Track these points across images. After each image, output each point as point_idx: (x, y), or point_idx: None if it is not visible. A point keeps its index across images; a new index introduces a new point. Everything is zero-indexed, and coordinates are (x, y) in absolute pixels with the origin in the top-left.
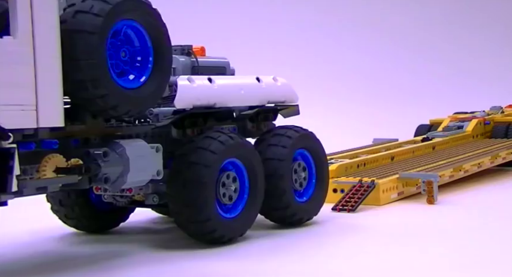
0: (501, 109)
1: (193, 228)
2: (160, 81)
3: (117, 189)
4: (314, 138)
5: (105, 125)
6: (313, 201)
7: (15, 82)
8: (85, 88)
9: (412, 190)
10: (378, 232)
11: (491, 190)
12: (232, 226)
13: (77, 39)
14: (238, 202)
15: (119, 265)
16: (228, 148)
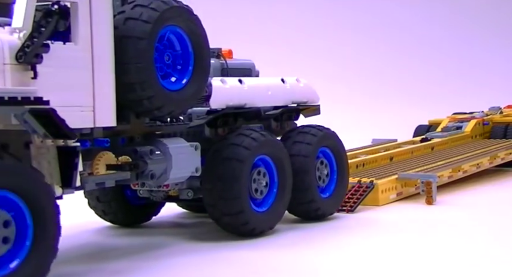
0: (500, 109)
1: (227, 220)
2: (200, 83)
3: (160, 184)
4: (335, 137)
5: (146, 124)
6: (335, 197)
7: (76, 85)
8: (133, 90)
9: (411, 191)
10: (375, 232)
11: (490, 191)
12: (263, 219)
13: (127, 44)
14: (268, 196)
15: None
16: (259, 145)
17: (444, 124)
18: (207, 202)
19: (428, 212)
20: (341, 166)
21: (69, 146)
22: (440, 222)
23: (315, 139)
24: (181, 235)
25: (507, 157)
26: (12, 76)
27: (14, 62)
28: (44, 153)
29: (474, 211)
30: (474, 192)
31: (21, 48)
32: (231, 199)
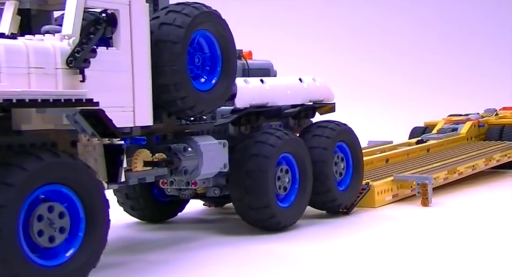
0: (495, 111)
1: (253, 214)
2: (227, 83)
3: (192, 179)
4: (352, 132)
5: (176, 122)
6: (351, 190)
7: (119, 87)
8: (168, 91)
9: (407, 193)
10: (371, 234)
11: (486, 193)
12: (287, 214)
13: (162, 48)
14: (290, 193)
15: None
16: (284, 143)
17: (440, 126)
18: (234, 197)
19: (424, 214)
20: (356, 161)
21: (115, 144)
22: (435, 224)
23: (334, 134)
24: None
25: (502, 159)
26: (63, 79)
27: (65, 67)
28: (91, 151)
29: (469, 213)
30: (470, 193)
31: (71, 54)
32: (258, 194)
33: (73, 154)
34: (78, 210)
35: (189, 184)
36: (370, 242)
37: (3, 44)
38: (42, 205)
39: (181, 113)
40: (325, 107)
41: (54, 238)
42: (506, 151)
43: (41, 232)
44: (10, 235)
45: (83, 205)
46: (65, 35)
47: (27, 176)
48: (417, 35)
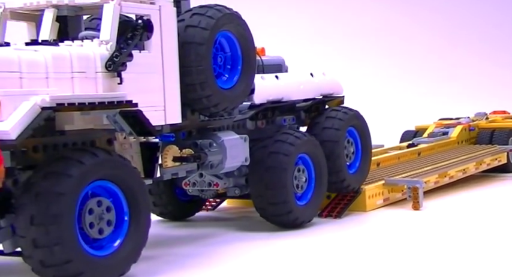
0: (486, 115)
1: (272, 209)
2: (248, 80)
3: (216, 173)
4: (361, 118)
5: (199, 119)
6: (360, 172)
7: (151, 87)
8: (194, 90)
9: (398, 196)
10: (363, 238)
11: (476, 196)
12: (304, 211)
13: (188, 49)
14: (307, 191)
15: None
16: (301, 143)
17: (431, 130)
18: (254, 193)
19: (415, 218)
20: (365, 145)
21: (152, 142)
22: (426, 228)
23: (346, 117)
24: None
25: (493, 163)
26: (103, 82)
27: (104, 70)
28: (127, 149)
29: (460, 217)
30: (460, 197)
31: (110, 58)
32: (277, 189)
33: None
34: (122, 204)
35: (211, 186)
36: (360, 246)
37: (50, 51)
38: (92, 200)
39: (206, 110)
40: (335, 100)
41: (103, 230)
42: (497, 155)
43: (92, 224)
44: (68, 221)
45: (126, 200)
46: (102, 40)
47: (84, 169)
48: (408, 40)
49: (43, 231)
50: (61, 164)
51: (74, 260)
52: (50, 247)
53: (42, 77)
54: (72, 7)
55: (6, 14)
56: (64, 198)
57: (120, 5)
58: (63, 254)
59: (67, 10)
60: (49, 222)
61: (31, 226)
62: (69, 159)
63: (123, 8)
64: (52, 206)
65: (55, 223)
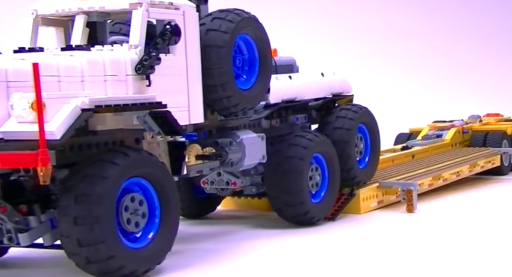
0: (479, 118)
1: (290, 210)
2: (265, 81)
3: (236, 170)
4: (371, 115)
5: (218, 118)
6: (369, 167)
7: (176, 89)
8: (215, 91)
9: (392, 199)
10: (357, 241)
11: (470, 199)
12: (319, 208)
13: (210, 52)
14: (321, 189)
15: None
16: (314, 145)
17: (425, 132)
18: (271, 195)
19: (409, 220)
20: (374, 141)
21: (179, 141)
22: (420, 230)
23: (356, 115)
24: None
25: (486, 165)
26: (133, 85)
27: (133, 73)
28: (155, 147)
29: (454, 219)
30: (454, 200)
31: (140, 62)
32: (294, 192)
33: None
34: (154, 199)
35: (229, 184)
36: (355, 248)
37: (85, 56)
38: (126, 196)
39: (226, 110)
40: (345, 99)
41: (139, 223)
42: (490, 157)
43: (129, 220)
44: (109, 220)
45: (157, 195)
46: (132, 44)
47: (118, 170)
48: (402, 41)
49: (87, 231)
50: (97, 167)
51: (116, 255)
52: (95, 245)
53: (78, 80)
54: (101, 13)
55: (38, 20)
56: (103, 199)
57: (147, 11)
58: (106, 251)
59: (96, 16)
60: (92, 222)
61: (75, 226)
62: (104, 161)
63: (150, 14)
64: (94, 207)
65: (98, 222)
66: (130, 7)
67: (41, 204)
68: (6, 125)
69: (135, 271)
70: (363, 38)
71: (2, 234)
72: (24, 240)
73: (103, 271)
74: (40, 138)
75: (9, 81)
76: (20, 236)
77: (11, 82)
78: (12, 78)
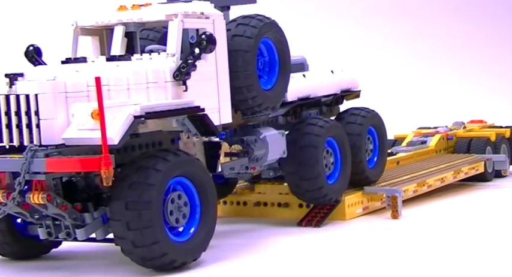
0: (463, 124)
1: (305, 184)
2: (285, 81)
3: (260, 165)
4: (380, 118)
5: (241, 117)
6: (377, 167)
7: (208, 92)
8: (241, 92)
9: (377, 205)
10: (343, 247)
11: (454, 205)
12: (333, 189)
13: (236, 56)
14: (334, 171)
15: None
16: (326, 131)
17: (409, 138)
18: (290, 182)
19: (394, 226)
20: (382, 143)
21: (214, 141)
22: (405, 236)
23: (368, 117)
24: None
25: (470, 171)
26: (172, 90)
27: (172, 80)
28: (190, 147)
29: (438, 226)
30: (438, 206)
31: (178, 69)
32: (310, 166)
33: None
34: (195, 197)
35: (248, 169)
36: (340, 254)
37: (130, 66)
38: (173, 193)
39: (250, 110)
40: (353, 94)
41: (179, 220)
42: (474, 164)
43: (172, 212)
44: (156, 208)
45: (198, 194)
46: (169, 53)
47: (169, 165)
48: (389, 47)
49: (136, 215)
50: (150, 161)
51: (160, 242)
52: (141, 229)
53: (124, 88)
54: (138, 24)
55: (78, 30)
56: (154, 187)
57: (182, 21)
58: (152, 236)
59: (133, 26)
60: (141, 208)
61: (126, 210)
62: (156, 157)
63: (185, 24)
64: (144, 194)
65: (146, 208)
66: (166, 18)
67: (94, 202)
68: (67, 131)
69: (174, 261)
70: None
71: (60, 230)
72: (81, 234)
73: (147, 257)
74: (103, 144)
75: (68, 92)
76: (78, 231)
77: (69, 93)
78: (70, 89)
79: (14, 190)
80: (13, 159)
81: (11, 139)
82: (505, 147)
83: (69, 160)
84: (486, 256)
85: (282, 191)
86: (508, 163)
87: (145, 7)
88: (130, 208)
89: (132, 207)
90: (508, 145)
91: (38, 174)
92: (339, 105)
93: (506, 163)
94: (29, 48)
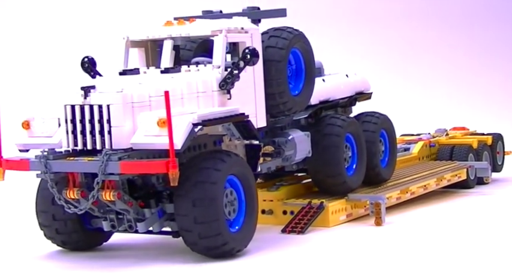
0: (446, 131)
1: (330, 181)
2: (310, 87)
3: (289, 164)
4: (390, 121)
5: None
6: (389, 167)
7: (247, 99)
8: (274, 98)
9: (361, 212)
10: (326, 254)
11: (437, 212)
12: (352, 180)
13: (269, 66)
14: (352, 163)
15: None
16: (347, 125)
17: None
18: (312, 169)
19: (377, 233)
20: (392, 144)
21: (255, 144)
22: (388, 243)
23: (380, 120)
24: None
25: (453, 179)
26: (218, 99)
27: (218, 89)
28: (232, 149)
29: (422, 232)
30: (421, 213)
31: (224, 79)
32: (334, 165)
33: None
34: (241, 192)
35: None
36: (324, 261)
37: (183, 77)
38: (227, 190)
39: (281, 114)
40: (365, 96)
41: (231, 213)
42: (457, 171)
43: (226, 205)
44: (219, 203)
45: (244, 189)
46: (214, 65)
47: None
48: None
49: (203, 211)
50: (210, 162)
51: (222, 233)
52: (208, 223)
53: (179, 98)
54: (185, 38)
55: (128, 43)
56: (216, 186)
57: (226, 36)
58: (217, 228)
59: (180, 40)
60: (207, 204)
61: (193, 207)
62: (214, 159)
63: (228, 38)
64: (209, 192)
65: (212, 205)
66: (212, 33)
67: (156, 199)
68: (134, 137)
69: (232, 249)
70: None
71: (122, 223)
72: (142, 227)
73: (210, 247)
74: (170, 149)
75: (134, 102)
76: (139, 225)
77: (135, 103)
78: (136, 99)
79: (85, 188)
80: (90, 162)
81: (84, 143)
82: (487, 154)
83: (141, 163)
84: (469, 262)
85: (266, 198)
86: (490, 171)
87: (190, 23)
88: (197, 205)
89: (199, 204)
90: (490, 153)
91: (112, 175)
92: (352, 106)
93: (488, 170)
94: (84, 59)
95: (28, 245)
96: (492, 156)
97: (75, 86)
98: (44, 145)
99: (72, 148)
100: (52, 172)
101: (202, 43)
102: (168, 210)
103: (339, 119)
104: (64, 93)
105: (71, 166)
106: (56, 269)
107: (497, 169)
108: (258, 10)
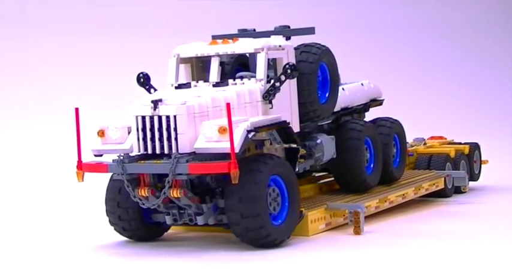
0: (424, 141)
1: (352, 180)
2: (335, 95)
3: (318, 164)
4: (401, 126)
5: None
6: (400, 167)
7: (285, 108)
8: (305, 106)
9: (340, 221)
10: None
11: (415, 221)
12: (372, 179)
13: (301, 78)
14: (370, 163)
15: None
16: (366, 129)
17: None
18: (335, 172)
19: (356, 242)
20: (403, 147)
21: (294, 147)
22: (367, 252)
23: (393, 125)
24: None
25: (431, 188)
26: (261, 108)
27: (262, 100)
28: (273, 152)
29: (400, 241)
30: (400, 222)
31: (267, 91)
32: (356, 165)
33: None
34: (284, 190)
35: None
36: (303, 270)
37: (233, 89)
38: (269, 188)
39: (311, 120)
40: (377, 102)
41: (275, 208)
42: (435, 180)
43: (270, 203)
44: (263, 200)
45: (286, 187)
46: (257, 78)
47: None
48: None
49: (248, 207)
50: (254, 164)
51: (266, 226)
52: (253, 217)
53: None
54: (230, 55)
55: (178, 60)
56: (259, 185)
57: (267, 53)
58: (260, 222)
59: (225, 57)
60: (252, 201)
61: (240, 204)
62: (258, 161)
63: (268, 55)
64: (253, 191)
65: (256, 202)
66: (255, 51)
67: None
68: (197, 143)
69: (275, 239)
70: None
71: (183, 217)
72: (201, 220)
73: (255, 238)
74: (231, 152)
75: (195, 112)
76: (198, 218)
77: (196, 113)
78: (197, 110)
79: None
80: (161, 164)
81: (153, 148)
82: (464, 163)
83: (206, 165)
84: (448, 271)
85: None
86: (467, 180)
87: (233, 42)
88: (243, 201)
89: (245, 201)
90: (467, 162)
91: (180, 175)
92: (365, 112)
93: (465, 179)
94: (140, 75)
95: (96, 236)
96: (469, 165)
97: (139, 99)
98: (117, 150)
99: (142, 153)
100: (128, 174)
101: (237, 58)
102: (220, 205)
103: (358, 124)
104: (132, 105)
105: (144, 168)
106: (114, 258)
107: (474, 178)
108: (289, 28)
